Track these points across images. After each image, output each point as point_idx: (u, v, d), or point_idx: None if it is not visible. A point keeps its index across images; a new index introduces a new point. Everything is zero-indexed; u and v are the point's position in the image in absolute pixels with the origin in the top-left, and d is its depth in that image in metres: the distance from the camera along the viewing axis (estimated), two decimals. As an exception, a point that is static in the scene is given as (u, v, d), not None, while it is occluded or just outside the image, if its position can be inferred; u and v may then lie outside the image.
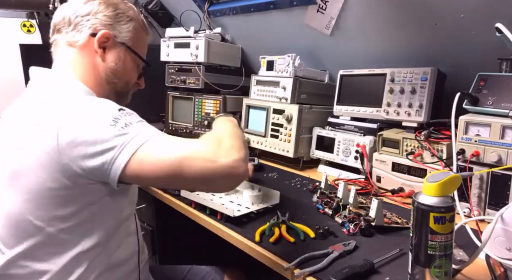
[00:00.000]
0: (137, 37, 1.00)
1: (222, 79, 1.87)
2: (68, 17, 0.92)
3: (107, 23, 0.94)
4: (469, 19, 1.18)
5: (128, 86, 1.04)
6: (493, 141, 1.00)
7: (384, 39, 1.46)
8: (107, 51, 0.95)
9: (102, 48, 0.94)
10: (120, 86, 1.00)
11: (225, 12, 1.91)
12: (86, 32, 0.92)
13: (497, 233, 0.72)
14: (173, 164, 0.73)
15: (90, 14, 0.92)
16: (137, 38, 1.00)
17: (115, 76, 0.97)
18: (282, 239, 0.93)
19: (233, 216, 1.00)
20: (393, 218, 1.04)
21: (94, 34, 0.92)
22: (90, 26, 0.92)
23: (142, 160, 0.73)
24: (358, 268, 0.77)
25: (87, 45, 0.93)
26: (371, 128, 1.42)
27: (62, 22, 0.93)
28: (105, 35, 0.93)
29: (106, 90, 0.97)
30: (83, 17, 0.92)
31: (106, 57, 0.95)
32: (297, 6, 1.60)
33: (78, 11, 0.92)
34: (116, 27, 0.95)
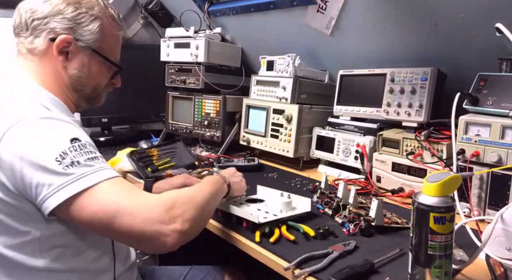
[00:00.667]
0: (105, 36, 0.92)
1: (222, 79, 1.87)
2: (24, 20, 0.85)
3: (68, 26, 0.86)
4: (469, 19, 1.18)
5: (97, 91, 0.98)
6: (493, 141, 1.00)
7: (384, 39, 1.46)
8: (70, 57, 0.88)
9: (64, 53, 0.87)
10: (88, 92, 0.95)
11: (225, 12, 1.91)
12: (45, 37, 0.85)
13: (497, 233, 0.72)
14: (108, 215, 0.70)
15: (48, 16, 0.84)
16: (105, 38, 0.92)
17: (81, 84, 0.91)
18: (282, 239, 0.93)
19: (258, 222, 0.94)
20: (393, 218, 1.04)
21: (53, 38, 0.85)
22: (49, 30, 0.85)
23: (78, 204, 0.70)
24: (358, 268, 0.77)
25: (47, 52, 0.86)
26: (371, 128, 1.42)
27: (20, 25, 0.87)
28: (65, 40, 0.85)
29: (73, 97, 0.92)
30: (41, 20, 0.84)
31: (68, 64, 0.88)
32: (297, 6, 1.60)
33: (36, 13, 0.84)
34: (77, 30, 0.87)
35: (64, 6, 0.85)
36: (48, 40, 0.85)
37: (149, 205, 0.73)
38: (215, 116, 1.78)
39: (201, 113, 1.83)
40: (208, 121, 1.80)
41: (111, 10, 0.94)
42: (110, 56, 0.95)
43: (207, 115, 1.81)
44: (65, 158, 0.70)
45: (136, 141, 1.93)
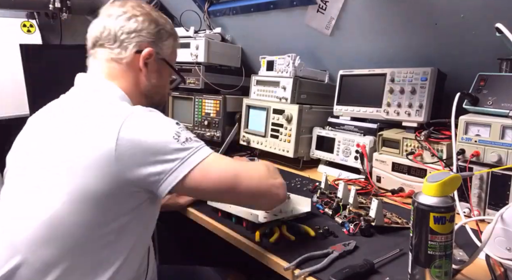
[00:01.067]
0: (174, 53, 1.05)
1: (222, 79, 1.87)
2: (113, 33, 0.94)
3: (151, 40, 0.97)
4: (469, 19, 1.18)
5: (163, 99, 1.09)
6: (493, 141, 1.00)
7: (384, 39, 1.46)
8: (149, 67, 0.98)
9: (144, 64, 0.97)
10: (157, 99, 1.04)
11: (225, 12, 1.91)
12: (132, 50, 0.94)
13: (497, 233, 0.72)
14: (233, 177, 0.82)
15: (135, 31, 0.94)
16: (174, 53, 1.05)
17: (155, 91, 1.02)
18: (282, 239, 0.93)
19: (258, 222, 0.96)
20: (393, 218, 1.04)
21: (139, 51, 0.95)
22: (135, 43, 0.94)
23: (205, 173, 0.80)
24: (358, 268, 0.77)
25: (131, 62, 0.95)
26: (371, 128, 1.42)
27: (106, 38, 0.94)
28: (149, 53, 0.96)
29: (143, 104, 0.95)
30: (129, 34, 0.94)
31: (148, 74, 0.98)
32: (297, 6, 1.60)
33: (124, 28, 0.94)
34: (158, 44, 0.98)
35: (147, 24, 0.96)
36: (134, 52, 0.95)
37: (256, 168, 0.89)
38: (215, 116, 1.78)
39: (201, 113, 1.83)
40: (208, 121, 1.80)
41: (175, 28, 1.08)
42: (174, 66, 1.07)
43: (207, 115, 1.81)
44: (180, 136, 0.80)
45: (136, 141, 1.92)
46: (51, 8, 2.13)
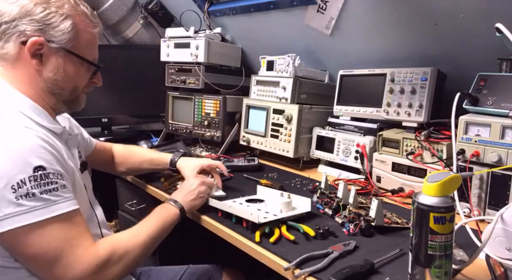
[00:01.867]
0: (79, 35, 0.87)
1: (222, 79, 1.87)
2: None
3: (38, 28, 0.82)
4: (469, 19, 1.18)
5: (76, 93, 0.94)
6: (493, 141, 1.00)
7: (384, 39, 1.46)
8: (44, 59, 0.85)
9: (37, 56, 0.84)
10: (66, 95, 0.91)
11: (225, 12, 1.91)
12: (15, 41, 0.82)
13: (497, 233, 0.72)
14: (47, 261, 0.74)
15: (16, 19, 0.81)
16: (79, 36, 0.88)
17: (58, 87, 0.88)
18: (282, 239, 0.93)
19: (258, 222, 0.94)
20: (393, 218, 1.04)
21: (24, 41, 0.82)
22: (18, 33, 0.81)
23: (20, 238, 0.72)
24: (358, 268, 0.77)
25: (19, 56, 0.83)
26: (371, 128, 1.42)
27: None
28: (36, 43, 0.82)
29: (51, 102, 0.90)
30: (9, 24, 0.81)
31: (43, 67, 0.85)
32: (297, 6, 1.60)
33: (3, 16, 0.81)
34: (48, 31, 0.83)
35: (32, 6, 0.81)
36: (19, 43, 0.82)
37: (84, 262, 0.77)
38: (215, 116, 1.78)
39: (201, 113, 1.83)
40: (208, 121, 1.80)
41: (83, 7, 0.90)
42: (86, 55, 0.91)
43: (207, 115, 1.81)
44: (22, 188, 0.71)
45: (136, 141, 1.93)
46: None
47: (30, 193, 0.72)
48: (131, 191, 1.61)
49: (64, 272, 0.75)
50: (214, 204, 1.09)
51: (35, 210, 0.72)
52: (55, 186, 0.76)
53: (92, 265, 0.77)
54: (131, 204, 1.62)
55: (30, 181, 0.72)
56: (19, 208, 0.71)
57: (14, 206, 0.71)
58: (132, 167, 1.35)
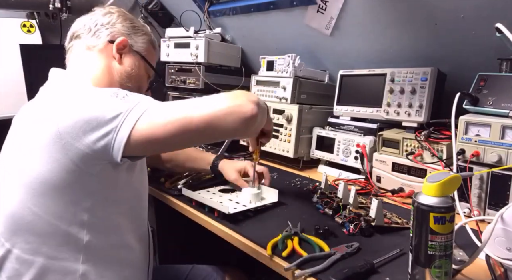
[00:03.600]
0: (149, 50, 1.07)
1: (222, 79, 1.87)
2: (88, 25, 0.99)
3: (125, 32, 1.01)
4: (469, 19, 1.18)
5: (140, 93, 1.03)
6: (493, 141, 1.00)
7: (384, 39, 1.46)
8: (123, 57, 1.00)
9: (119, 54, 0.99)
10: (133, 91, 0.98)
11: (225, 12, 1.91)
12: (105, 38, 0.98)
13: (497, 233, 0.72)
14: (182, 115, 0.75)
15: (109, 23, 0.99)
16: (149, 51, 1.07)
17: (129, 80, 1.01)
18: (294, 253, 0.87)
19: (228, 213, 1.01)
20: (393, 218, 1.04)
21: (112, 41, 0.98)
22: (108, 33, 0.99)
23: (151, 121, 0.75)
24: (358, 268, 0.77)
25: (104, 50, 0.98)
26: (371, 128, 1.42)
27: (82, 29, 0.99)
28: (123, 42, 0.99)
29: None
30: (103, 26, 0.99)
31: (122, 62, 1.00)
32: (297, 6, 1.60)
33: (98, 21, 0.99)
34: (132, 37, 1.02)
35: (122, 19, 1.02)
36: (107, 41, 0.98)
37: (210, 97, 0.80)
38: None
39: (201, 113, 1.83)
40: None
41: (153, 38, 1.11)
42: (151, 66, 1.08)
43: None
44: (119, 94, 0.79)
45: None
46: (51, 8, 2.13)
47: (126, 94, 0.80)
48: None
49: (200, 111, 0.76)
50: (189, 194, 1.15)
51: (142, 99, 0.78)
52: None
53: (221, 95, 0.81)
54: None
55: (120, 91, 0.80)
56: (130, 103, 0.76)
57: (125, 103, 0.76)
58: (178, 164, 1.37)
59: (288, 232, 0.94)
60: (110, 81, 0.98)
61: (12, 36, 2.58)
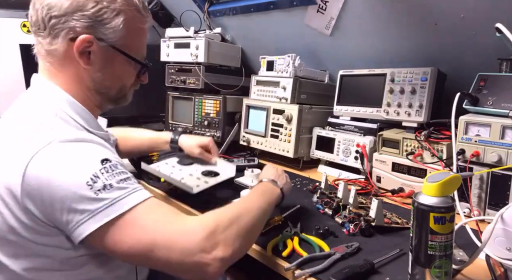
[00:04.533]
0: (129, 32, 0.83)
1: (222, 79, 1.87)
2: (41, 18, 0.77)
3: (88, 24, 0.77)
4: (469, 19, 1.18)
5: (124, 91, 0.91)
6: (493, 141, 1.00)
7: (384, 39, 1.46)
8: (92, 57, 0.80)
9: (85, 54, 0.79)
10: (113, 94, 0.89)
11: (225, 12, 1.91)
12: (64, 37, 0.77)
13: (497, 233, 0.72)
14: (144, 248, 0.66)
15: (66, 13, 0.76)
16: (129, 33, 0.83)
17: (105, 86, 0.85)
18: (294, 253, 0.88)
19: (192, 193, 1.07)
20: (393, 218, 1.04)
21: (74, 38, 0.77)
22: (67, 29, 0.76)
23: (112, 235, 0.66)
24: (358, 268, 0.77)
25: (67, 54, 0.78)
26: (371, 128, 1.42)
27: (37, 23, 0.78)
28: (85, 40, 0.77)
29: (97, 100, 0.87)
30: (59, 19, 0.76)
31: (91, 66, 0.81)
32: (297, 6, 1.60)
33: (53, 10, 0.76)
34: (99, 28, 0.78)
35: (83, 1, 0.76)
36: (67, 40, 0.77)
37: (187, 233, 0.68)
38: (215, 116, 1.78)
39: (201, 113, 1.83)
40: (208, 121, 1.80)
41: (133, 1, 0.84)
42: (135, 53, 0.87)
43: (207, 115, 1.81)
44: (97, 182, 0.66)
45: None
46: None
47: (107, 185, 0.67)
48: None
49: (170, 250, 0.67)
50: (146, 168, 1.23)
51: (119, 200, 0.67)
52: (127, 176, 0.71)
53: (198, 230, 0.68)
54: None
55: (102, 174, 0.67)
56: (102, 203, 0.66)
57: (97, 201, 0.65)
58: (132, 149, 1.32)
59: (288, 232, 0.94)
60: (84, 92, 0.83)
61: (12, 36, 2.58)
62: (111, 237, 0.66)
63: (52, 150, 0.67)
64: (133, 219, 0.67)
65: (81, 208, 0.65)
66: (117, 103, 0.93)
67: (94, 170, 0.67)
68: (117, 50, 0.82)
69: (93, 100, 0.86)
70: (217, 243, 0.68)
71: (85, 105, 0.83)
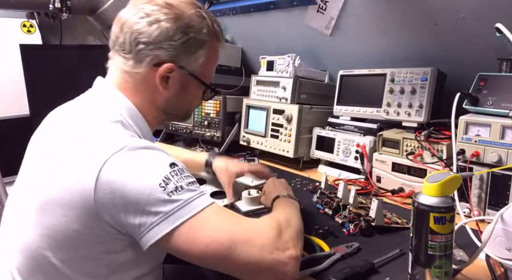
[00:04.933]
0: (207, 61, 0.86)
1: (222, 79, 1.87)
2: (128, 40, 0.79)
3: (173, 53, 0.80)
4: (469, 19, 1.18)
5: (190, 112, 0.95)
6: (493, 141, 1.00)
7: (384, 39, 1.46)
8: (170, 82, 0.83)
9: (165, 78, 0.82)
10: (180, 115, 0.93)
11: (225, 12, 1.91)
12: (148, 63, 0.79)
13: (497, 233, 0.72)
14: (226, 245, 0.67)
15: (155, 42, 0.78)
16: (208, 61, 0.86)
17: (175, 108, 0.88)
18: None
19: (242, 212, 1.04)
20: (393, 218, 1.04)
21: (157, 64, 0.80)
22: (153, 56, 0.79)
23: (192, 235, 0.67)
24: (358, 268, 0.77)
25: (147, 76, 0.81)
26: (371, 128, 1.42)
27: (122, 45, 0.80)
28: (168, 68, 0.80)
29: (161, 117, 0.89)
30: (146, 45, 0.78)
31: (167, 90, 0.83)
32: (297, 6, 1.60)
33: (142, 36, 0.78)
34: (184, 58, 0.81)
35: (173, 32, 0.78)
36: (151, 66, 0.80)
37: (260, 231, 0.71)
38: (215, 116, 1.78)
39: (201, 113, 1.83)
40: (208, 121, 1.80)
41: (216, 27, 0.87)
42: (208, 79, 0.90)
43: (207, 115, 1.81)
44: (169, 184, 0.67)
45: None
46: (51, 8, 2.13)
47: (179, 187, 0.68)
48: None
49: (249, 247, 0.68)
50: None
51: (191, 201, 0.68)
52: (193, 179, 0.73)
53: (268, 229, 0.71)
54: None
55: (173, 176, 0.69)
56: (176, 204, 0.67)
57: (170, 203, 0.67)
58: None
59: None
60: (154, 110, 0.85)
61: (12, 36, 2.58)
62: (185, 237, 0.67)
63: (123, 156, 0.69)
64: (206, 219, 0.68)
65: (154, 210, 0.66)
66: (180, 120, 0.99)
67: (165, 172, 0.69)
68: (194, 77, 0.85)
69: (157, 116, 0.88)
70: (288, 242, 0.71)
71: (147, 119, 0.85)
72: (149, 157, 0.71)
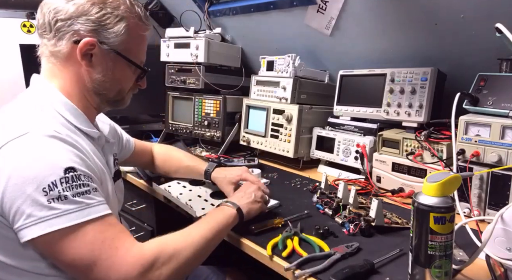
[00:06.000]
0: (131, 38, 0.88)
1: (222, 79, 1.87)
2: (47, 21, 0.82)
3: (92, 28, 0.82)
4: (469, 19, 1.18)
5: (122, 94, 0.94)
6: (493, 141, 1.00)
7: (384, 39, 1.46)
8: (93, 60, 0.85)
9: (87, 56, 0.84)
10: (111, 96, 0.92)
11: (225, 12, 1.91)
12: (68, 40, 0.82)
13: (497, 233, 0.72)
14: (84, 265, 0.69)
15: (71, 17, 0.81)
16: (131, 39, 0.88)
17: (104, 88, 0.89)
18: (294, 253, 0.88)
19: (196, 216, 1.04)
20: (393, 218, 1.04)
21: (77, 41, 0.82)
22: (72, 32, 0.81)
23: (53, 244, 0.68)
24: (358, 268, 0.77)
25: (70, 55, 0.83)
26: (371, 128, 1.42)
27: (43, 26, 0.84)
28: (88, 43, 0.82)
29: (95, 101, 0.90)
30: (64, 22, 0.81)
31: (92, 68, 0.85)
32: (297, 6, 1.60)
33: (59, 13, 0.81)
34: (102, 32, 0.83)
35: (88, 6, 0.81)
36: (71, 42, 0.82)
37: (126, 264, 0.71)
38: (215, 116, 1.78)
39: (201, 113, 1.83)
40: (208, 121, 1.80)
41: (137, 8, 0.89)
42: (135, 58, 0.91)
43: (207, 115, 1.81)
44: (53, 190, 0.68)
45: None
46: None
47: (62, 196, 0.68)
48: (131, 191, 1.61)
49: (107, 275, 0.69)
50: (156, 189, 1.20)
51: (68, 213, 0.69)
52: (87, 189, 0.72)
53: (137, 265, 0.71)
54: (131, 204, 1.62)
55: (62, 183, 0.69)
56: (51, 212, 0.67)
57: (47, 209, 0.67)
58: (170, 171, 1.34)
59: (288, 232, 0.94)
60: (82, 93, 0.87)
61: (12, 36, 2.58)
62: (53, 246, 0.68)
63: (22, 143, 0.70)
64: (79, 235, 0.69)
65: (29, 211, 0.67)
66: (115, 105, 0.96)
67: (55, 177, 0.69)
68: (118, 54, 0.87)
69: (91, 100, 0.90)
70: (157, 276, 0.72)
71: (81, 105, 0.86)
72: (48, 152, 0.71)
